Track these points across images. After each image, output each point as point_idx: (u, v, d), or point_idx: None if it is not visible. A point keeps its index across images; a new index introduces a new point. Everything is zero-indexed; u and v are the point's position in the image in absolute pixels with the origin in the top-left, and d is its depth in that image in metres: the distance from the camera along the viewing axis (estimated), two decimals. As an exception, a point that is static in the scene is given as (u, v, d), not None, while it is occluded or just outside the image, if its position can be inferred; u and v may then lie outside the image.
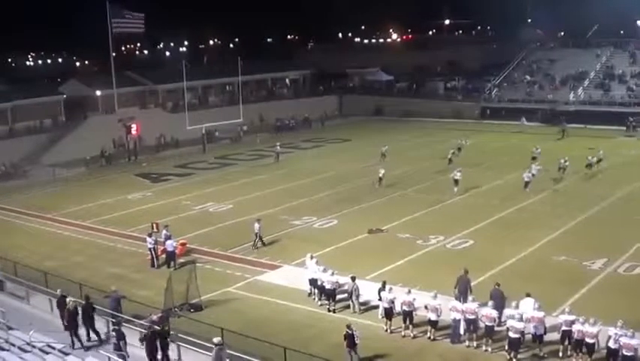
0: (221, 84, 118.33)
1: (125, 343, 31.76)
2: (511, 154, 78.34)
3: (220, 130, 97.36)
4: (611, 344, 29.98)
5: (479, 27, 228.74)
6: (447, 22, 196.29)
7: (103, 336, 34.07)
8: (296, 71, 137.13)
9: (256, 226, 49.48)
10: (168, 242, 45.96)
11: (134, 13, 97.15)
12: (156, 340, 30.92)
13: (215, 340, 29.56)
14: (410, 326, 34.18)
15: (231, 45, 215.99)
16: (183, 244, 48.16)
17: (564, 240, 49.42)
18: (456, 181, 62.98)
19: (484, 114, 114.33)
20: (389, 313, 34.66)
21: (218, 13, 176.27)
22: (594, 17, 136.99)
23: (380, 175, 66.02)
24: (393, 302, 34.49)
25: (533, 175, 64.64)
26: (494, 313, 32.56)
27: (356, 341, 31.24)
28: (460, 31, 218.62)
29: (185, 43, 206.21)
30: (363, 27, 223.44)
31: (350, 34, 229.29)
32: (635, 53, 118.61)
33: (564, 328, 31.56)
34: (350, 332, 31.27)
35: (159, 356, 31.01)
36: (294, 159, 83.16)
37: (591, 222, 54.10)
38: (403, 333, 34.19)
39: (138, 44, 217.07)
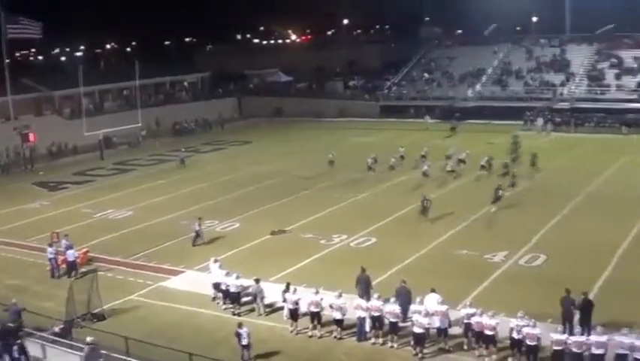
0: (118, 89, 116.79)
1: (28, 358, 31.22)
2: (413, 152, 78.78)
3: (118, 135, 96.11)
4: (515, 335, 30.52)
5: (377, 26, 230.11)
6: (345, 22, 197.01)
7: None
8: (194, 73, 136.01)
9: (196, 224, 49.80)
10: (69, 252, 45.18)
11: (30, 20, 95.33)
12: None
13: (88, 339, 29.36)
14: (318, 326, 34.29)
15: (128, 49, 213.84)
16: (84, 253, 47.45)
17: (465, 234, 50.21)
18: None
19: (384, 112, 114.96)
20: (294, 315, 34.66)
21: (114, 16, 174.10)
22: (491, 15, 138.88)
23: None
24: (297, 303, 34.51)
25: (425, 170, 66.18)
26: (397, 310, 32.79)
27: (243, 342, 31.41)
28: (359, 31, 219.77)
29: (82, 47, 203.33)
30: (261, 28, 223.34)
31: (248, 36, 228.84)
32: (531, 49, 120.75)
33: (466, 321, 32.05)
34: (239, 331, 31.46)
35: None
36: (195, 162, 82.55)
37: (492, 215, 54.89)
38: (309, 333, 34.23)
39: (32, 50, 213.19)
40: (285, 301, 35.59)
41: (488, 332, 31.02)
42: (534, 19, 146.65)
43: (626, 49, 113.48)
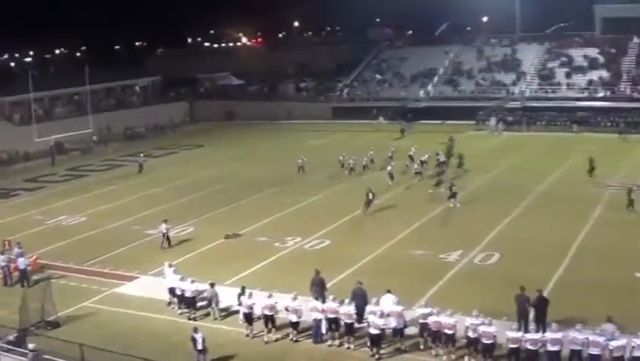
0: (69, 94, 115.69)
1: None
2: (364, 152, 78.82)
3: (70, 141, 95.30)
4: (470, 334, 30.70)
5: (328, 28, 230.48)
6: (296, 24, 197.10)
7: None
8: (145, 77, 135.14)
9: (163, 226, 49.75)
10: (20, 259, 44.59)
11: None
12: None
13: (31, 346, 29.19)
14: (273, 330, 34.16)
15: (78, 54, 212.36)
16: (34, 260, 46.88)
17: (420, 234, 50.47)
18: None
19: (336, 114, 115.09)
20: (249, 318, 34.56)
21: (63, 21, 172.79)
22: (442, 15, 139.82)
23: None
24: (252, 307, 34.41)
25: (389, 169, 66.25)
26: (352, 311, 32.83)
27: (198, 347, 31.31)
28: (310, 33, 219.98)
29: (31, 53, 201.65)
30: (212, 31, 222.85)
31: (199, 39, 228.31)
32: (482, 49, 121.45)
33: (421, 321, 32.22)
34: (194, 335, 31.38)
35: None
36: (147, 167, 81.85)
37: (446, 214, 55.20)
38: (265, 338, 34.10)
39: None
40: (240, 304, 35.50)
41: (448, 331, 31.14)
42: (484, 19, 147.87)
43: (576, 47, 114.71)
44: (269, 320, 34.07)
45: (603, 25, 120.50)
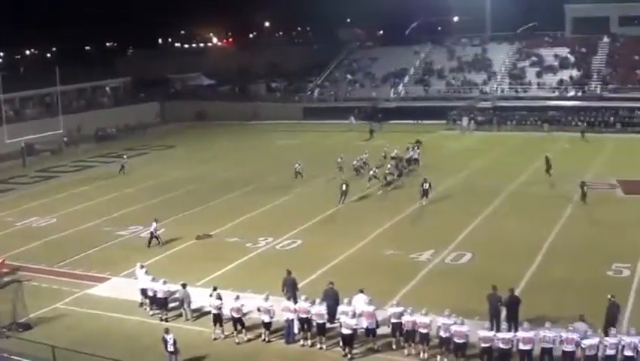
0: (39, 95, 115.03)
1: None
2: (336, 153, 78.88)
3: (40, 142, 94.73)
4: (442, 333, 30.79)
5: (299, 28, 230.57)
6: (267, 24, 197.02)
7: None
8: (116, 78, 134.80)
9: (153, 225, 49.76)
10: (-10, 261, 44.54)
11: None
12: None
13: None
14: (243, 331, 34.13)
15: (49, 54, 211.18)
16: (1, 262, 46.57)
17: (391, 234, 50.55)
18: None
19: (307, 114, 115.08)
20: (217, 319, 34.49)
21: (33, 22, 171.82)
22: (412, 15, 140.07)
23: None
24: (220, 308, 34.32)
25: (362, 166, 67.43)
26: (324, 311, 32.86)
27: (169, 348, 31.23)
28: (281, 33, 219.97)
29: (1, 54, 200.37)
30: (183, 32, 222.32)
31: (170, 40, 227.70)
32: (452, 49, 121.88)
33: (393, 320, 32.30)
34: (165, 336, 31.34)
35: None
36: (119, 168, 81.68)
37: (417, 214, 55.38)
38: (236, 338, 34.04)
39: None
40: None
41: (422, 330, 31.22)
42: (455, 18, 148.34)
43: (547, 47, 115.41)
44: (237, 321, 34.02)
45: (573, 24, 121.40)
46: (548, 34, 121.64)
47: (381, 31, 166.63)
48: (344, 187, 58.63)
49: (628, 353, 28.57)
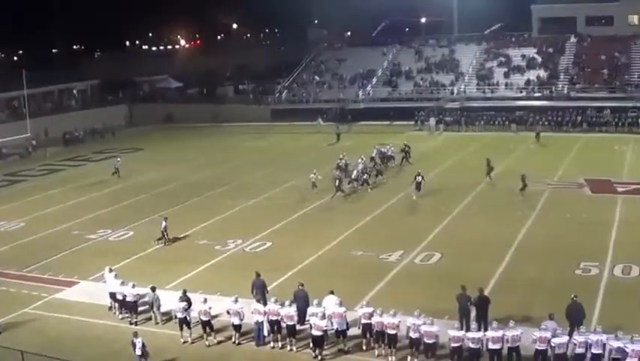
0: (6, 98, 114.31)
1: None
2: (304, 154, 79.00)
3: (7, 146, 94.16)
4: (412, 334, 30.87)
5: (267, 30, 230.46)
6: (235, 26, 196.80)
7: None
8: (84, 81, 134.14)
9: (163, 224, 49.95)
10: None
11: None
12: None
13: None
14: (213, 334, 34.07)
15: (15, 57, 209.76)
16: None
17: (361, 235, 50.60)
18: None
19: (275, 116, 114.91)
20: (184, 323, 34.37)
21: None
22: (380, 16, 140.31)
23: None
24: (187, 311, 34.22)
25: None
26: (293, 313, 32.84)
27: (137, 352, 31.09)
28: (249, 35, 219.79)
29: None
30: (150, 34, 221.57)
31: (138, 42, 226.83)
32: (420, 50, 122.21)
33: (363, 321, 32.33)
34: (134, 340, 31.22)
35: None
36: (87, 171, 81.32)
37: (386, 216, 55.59)
38: (206, 341, 33.98)
39: None
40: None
41: (391, 331, 31.26)
42: (422, 19, 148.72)
43: (514, 47, 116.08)
44: (206, 324, 33.97)
45: (540, 25, 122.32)
46: (516, 35, 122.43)
47: (349, 33, 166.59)
48: (313, 178, 60.51)
49: (595, 350, 28.79)
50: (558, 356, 29.10)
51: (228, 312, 33.93)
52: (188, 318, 34.37)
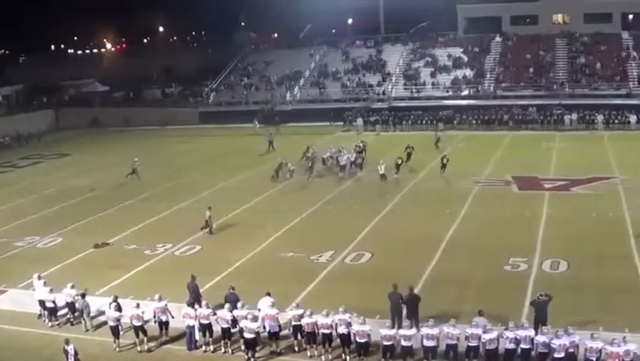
0: None
1: None
2: (234, 156, 78.77)
3: None
4: (340, 330, 31.03)
5: (194, 33, 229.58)
6: (161, 29, 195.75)
7: None
8: (8, 86, 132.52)
9: (207, 213, 51.32)
10: None
11: None
12: None
13: None
14: (145, 340, 33.77)
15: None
16: None
17: (291, 236, 50.59)
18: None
19: (203, 119, 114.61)
20: (115, 331, 33.90)
21: None
22: (306, 18, 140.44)
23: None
24: (119, 320, 33.82)
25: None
26: (228, 316, 32.72)
27: (70, 360, 30.72)
28: (175, 38, 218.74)
29: None
30: (76, 38, 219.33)
31: (63, 46, 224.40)
32: (347, 51, 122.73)
33: (294, 323, 32.40)
34: (66, 348, 30.83)
35: None
36: (14, 178, 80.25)
37: (316, 216, 55.64)
38: (138, 348, 33.68)
39: None
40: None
41: (325, 331, 31.32)
42: (349, 20, 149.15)
43: (440, 47, 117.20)
44: (139, 330, 33.65)
45: (466, 24, 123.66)
46: (442, 35, 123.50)
47: (276, 35, 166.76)
48: (279, 167, 64.76)
49: (524, 345, 29.12)
50: (489, 351, 29.34)
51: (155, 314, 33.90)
52: (119, 327, 33.93)
